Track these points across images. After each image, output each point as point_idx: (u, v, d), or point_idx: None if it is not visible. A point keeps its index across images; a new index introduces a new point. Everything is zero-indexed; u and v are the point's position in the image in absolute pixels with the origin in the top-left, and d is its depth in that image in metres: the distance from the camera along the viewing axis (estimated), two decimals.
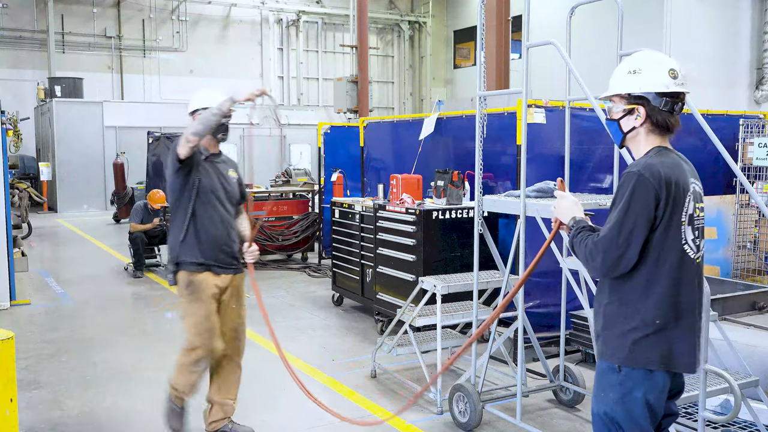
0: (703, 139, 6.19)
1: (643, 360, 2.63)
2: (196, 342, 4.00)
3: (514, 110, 6.06)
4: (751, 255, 7.08)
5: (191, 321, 4.01)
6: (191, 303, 4.00)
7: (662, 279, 2.62)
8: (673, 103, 2.65)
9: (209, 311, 4.01)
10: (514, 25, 12.43)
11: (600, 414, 2.74)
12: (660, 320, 2.63)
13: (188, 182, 4.03)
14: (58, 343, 6.69)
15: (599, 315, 2.79)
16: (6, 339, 3.16)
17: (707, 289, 3.87)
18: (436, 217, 6.30)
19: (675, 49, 16.78)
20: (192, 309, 4.00)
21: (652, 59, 2.70)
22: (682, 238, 2.64)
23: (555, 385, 5.08)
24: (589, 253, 2.64)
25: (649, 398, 2.65)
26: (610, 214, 2.65)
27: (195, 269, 4.00)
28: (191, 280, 4.01)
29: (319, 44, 25.80)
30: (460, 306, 5.42)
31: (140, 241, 9.91)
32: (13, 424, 3.23)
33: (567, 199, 2.87)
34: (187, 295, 4.02)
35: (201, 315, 3.99)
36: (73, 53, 21.96)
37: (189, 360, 4.07)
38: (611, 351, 2.70)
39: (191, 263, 4.00)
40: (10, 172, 12.08)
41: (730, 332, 4.27)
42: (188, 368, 4.09)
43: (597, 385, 2.79)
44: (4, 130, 8.34)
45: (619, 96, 2.73)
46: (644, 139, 2.71)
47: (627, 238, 2.56)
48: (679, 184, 2.62)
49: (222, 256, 4.08)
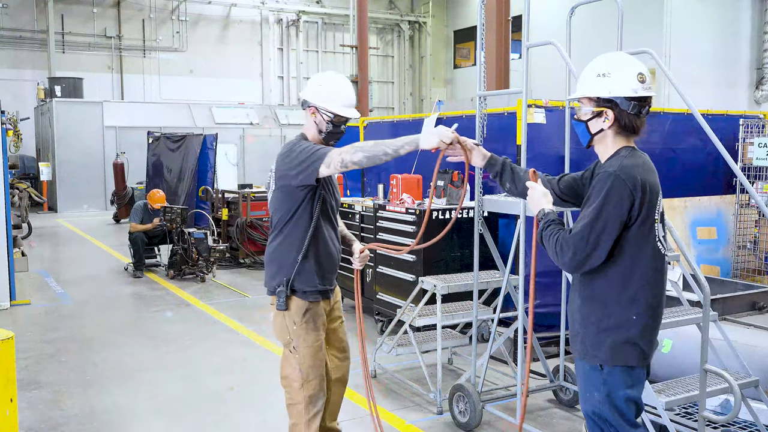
0: (703, 139, 6.20)
1: (624, 359, 2.71)
2: (311, 374, 3.53)
3: (514, 110, 6.06)
4: (751, 255, 7.08)
5: (308, 352, 3.52)
6: (308, 333, 3.52)
7: (638, 276, 2.70)
8: (640, 107, 2.71)
9: (322, 340, 3.61)
10: (514, 25, 12.44)
11: (589, 413, 2.82)
12: (637, 317, 2.71)
13: (313, 198, 3.49)
14: (58, 343, 6.69)
15: (576, 313, 2.84)
16: (6, 339, 3.16)
17: (707, 289, 3.88)
18: (436, 217, 6.30)
19: (675, 49, 16.79)
20: (309, 339, 3.52)
21: (621, 63, 2.75)
22: (655, 236, 2.73)
23: (555, 385, 5.08)
24: (559, 248, 2.70)
25: (633, 393, 2.74)
26: (583, 210, 2.71)
27: (314, 298, 3.54)
28: (309, 308, 3.54)
29: (319, 44, 25.81)
30: (460, 306, 5.42)
31: (140, 241, 9.91)
32: (13, 424, 3.23)
33: (536, 190, 2.91)
34: (303, 324, 3.52)
35: (317, 345, 3.55)
36: (73, 53, 21.97)
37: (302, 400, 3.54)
38: (592, 351, 2.75)
39: (311, 291, 3.53)
40: (10, 172, 12.10)
41: (730, 332, 4.27)
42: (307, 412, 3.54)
43: (581, 385, 2.86)
44: (4, 130, 8.34)
45: (588, 98, 2.77)
46: (611, 141, 2.77)
47: (597, 237, 2.63)
48: (654, 186, 2.71)
49: (334, 277, 3.70)
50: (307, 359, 3.51)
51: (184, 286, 9.32)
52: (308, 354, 3.51)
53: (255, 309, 8.09)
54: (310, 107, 3.49)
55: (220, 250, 9.81)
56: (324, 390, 3.61)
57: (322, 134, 3.50)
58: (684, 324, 3.93)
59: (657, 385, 3.97)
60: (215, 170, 12.96)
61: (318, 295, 3.55)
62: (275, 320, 3.59)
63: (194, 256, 9.57)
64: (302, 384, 3.52)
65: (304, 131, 3.56)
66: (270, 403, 5.16)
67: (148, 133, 16.41)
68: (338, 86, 3.49)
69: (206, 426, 4.80)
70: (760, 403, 4.10)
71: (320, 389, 3.56)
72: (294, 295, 3.49)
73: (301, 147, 3.40)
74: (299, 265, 3.47)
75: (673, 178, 6.98)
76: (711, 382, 3.91)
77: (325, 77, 3.53)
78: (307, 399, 3.52)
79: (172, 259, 9.88)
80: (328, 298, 3.65)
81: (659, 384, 4.01)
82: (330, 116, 3.46)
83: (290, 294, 3.49)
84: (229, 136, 19.12)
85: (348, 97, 3.51)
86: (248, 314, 7.82)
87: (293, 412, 3.57)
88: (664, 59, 16.11)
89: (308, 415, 3.53)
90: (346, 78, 3.59)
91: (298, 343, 3.52)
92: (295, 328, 3.52)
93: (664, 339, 4.70)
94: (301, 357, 3.52)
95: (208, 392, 5.40)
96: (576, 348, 2.83)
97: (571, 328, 2.89)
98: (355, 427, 4.74)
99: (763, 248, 7.04)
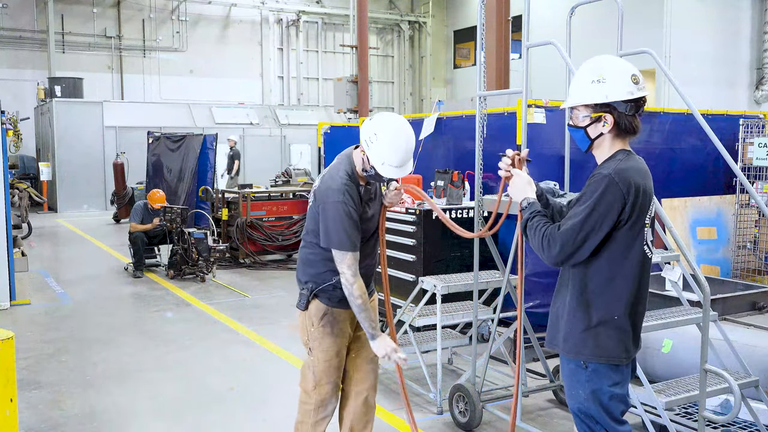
0: (703, 139, 6.21)
1: (608, 355, 2.74)
2: (323, 379, 3.51)
3: (514, 110, 6.06)
4: (751, 255, 7.08)
5: (322, 357, 3.50)
6: (324, 337, 3.50)
7: (625, 276, 2.74)
8: (636, 107, 2.74)
9: (341, 348, 3.56)
10: (514, 25, 12.43)
11: (575, 411, 2.85)
12: (620, 315, 2.74)
13: None
14: (58, 343, 6.69)
15: (561, 310, 2.87)
16: (6, 339, 3.16)
17: (707, 289, 3.88)
18: (436, 217, 6.30)
19: (675, 49, 16.79)
20: (325, 344, 3.49)
21: (614, 66, 2.76)
22: (643, 239, 2.77)
23: (555, 385, 5.08)
24: (546, 242, 2.72)
25: (617, 390, 2.77)
26: (574, 208, 2.73)
27: (333, 304, 3.49)
28: (327, 312, 3.50)
29: (319, 44, 25.81)
30: (460, 306, 5.42)
31: (140, 241, 9.90)
32: (13, 424, 3.23)
33: (521, 177, 2.94)
34: (320, 327, 3.49)
35: (333, 351, 3.52)
36: (73, 53, 21.97)
37: (313, 402, 3.54)
38: (576, 348, 2.78)
39: (332, 298, 3.48)
40: (10, 172, 12.10)
41: (730, 332, 4.27)
42: (315, 415, 3.55)
43: (567, 383, 2.88)
44: (4, 130, 8.34)
45: (585, 105, 2.79)
46: (609, 144, 2.80)
47: (585, 237, 2.67)
48: (647, 190, 2.74)
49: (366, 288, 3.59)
50: (320, 363, 3.49)
51: (184, 286, 9.32)
52: (322, 358, 3.49)
53: (255, 309, 8.09)
54: (361, 147, 3.34)
55: (220, 250, 9.80)
56: (337, 396, 3.59)
57: (365, 173, 3.37)
58: (684, 324, 3.94)
59: (657, 385, 3.98)
60: (215, 170, 12.96)
61: (340, 303, 3.47)
62: (299, 320, 3.59)
63: (194, 256, 9.56)
64: (314, 387, 3.52)
65: (355, 159, 3.39)
66: (270, 403, 5.16)
67: (148, 133, 16.39)
68: (393, 146, 3.24)
69: (206, 426, 4.80)
70: (760, 403, 4.10)
71: (332, 395, 3.54)
72: (316, 299, 3.48)
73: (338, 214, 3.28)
74: (323, 272, 3.43)
75: (673, 178, 6.99)
76: (711, 382, 3.91)
77: (387, 130, 3.26)
78: (318, 402, 3.52)
79: (172, 259, 9.88)
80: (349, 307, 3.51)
81: (659, 384, 4.01)
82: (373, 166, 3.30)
83: (312, 298, 3.48)
84: (229, 136, 19.12)
85: (399, 159, 3.26)
86: (248, 314, 7.82)
87: (302, 410, 3.59)
88: (664, 59, 16.11)
89: (316, 417, 3.54)
90: (407, 131, 3.30)
91: (313, 346, 3.50)
92: (312, 330, 3.50)
93: (664, 339, 4.70)
94: (316, 360, 3.50)
95: (208, 392, 5.40)
96: (560, 346, 2.87)
97: (554, 325, 2.92)
98: None
99: (763, 248, 7.04)
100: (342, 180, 3.33)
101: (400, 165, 3.28)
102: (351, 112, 17.35)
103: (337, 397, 3.60)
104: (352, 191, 3.32)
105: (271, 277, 10.01)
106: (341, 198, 3.28)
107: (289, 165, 18.02)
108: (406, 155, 3.29)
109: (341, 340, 3.54)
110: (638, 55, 4.79)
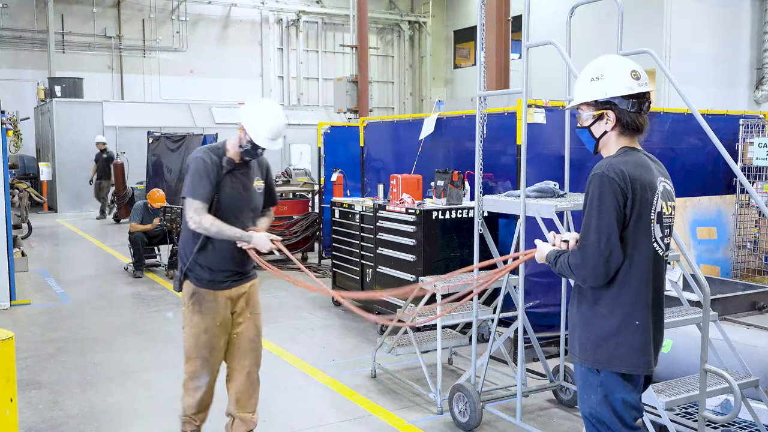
0: (703, 139, 6.21)
1: (622, 365, 2.69)
2: (193, 354, 3.95)
3: (514, 110, 6.06)
4: (751, 255, 7.08)
5: (190, 332, 3.95)
6: (193, 314, 3.93)
7: (635, 277, 2.68)
8: (639, 104, 2.70)
9: (209, 325, 3.93)
10: (514, 25, 12.44)
11: (587, 415, 2.82)
12: (638, 320, 2.69)
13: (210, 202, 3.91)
14: (58, 343, 6.69)
15: (576, 316, 2.83)
16: (6, 339, 3.16)
17: (707, 289, 3.88)
18: (436, 217, 6.30)
19: (675, 49, 16.78)
20: (193, 321, 3.92)
21: (613, 63, 2.75)
22: (651, 236, 2.70)
23: (555, 385, 5.08)
24: (575, 266, 2.68)
25: (629, 398, 2.73)
26: (584, 218, 2.69)
27: (201, 285, 3.92)
28: (196, 292, 3.93)
29: (319, 44, 25.80)
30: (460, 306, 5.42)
31: (140, 241, 9.90)
32: (13, 424, 3.23)
33: (540, 248, 2.93)
34: (190, 305, 3.95)
35: (200, 328, 3.92)
36: (73, 53, 21.95)
37: (187, 373, 4.01)
38: (593, 356, 2.73)
39: (200, 278, 3.92)
40: (10, 172, 12.09)
41: (730, 332, 4.27)
42: (189, 384, 4.02)
43: (580, 387, 2.85)
44: (4, 130, 8.34)
45: (586, 104, 2.78)
46: (614, 142, 2.77)
47: (608, 240, 2.61)
48: (644, 181, 2.68)
49: (234, 269, 4.00)
50: (189, 339, 3.94)
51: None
52: (191, 334, 3.93)
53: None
54: (240, 125, 3.89)
55: None
56: (207, 370, 3.97)
57: (241, 149, 3.90)
58: (684, 324, 3.93)
59: (657, 385, 3.98)
60: None
61: (208, 283, 3.90)
62: None
63: None
64: (186, 360, 3.98)
65: (229, 140, 3.97)
66: (270, 403, 5.16)
67: (148, 133, 16.39)
68: (266, 120, 3.84)
69: (206, 426, 4.79)
70: (760, 403, 4.10)
71: (202, 369, 3.95)
72: (187, 279, 3.95)
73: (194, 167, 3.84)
74: (196, 253, 3.89)
75: (673, 178, 6.95)
76: (711, 382, 3.91)
77: (261, 108, 3.90)
78: (190, 373, 3.98)
79: (172, 259, 9.87)
80: (226, 289, 3.95)
81: (659, 384, 4.01)
82: (250, 139, 3.84)
83: (183, 278, 3.96)
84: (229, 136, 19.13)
85: (272, 132, 3.84)
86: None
87: (183, 378, 4.04)
88: (664, 59, 16.11)
89: (191, 386, 4.00)
90: (279, 111, 3.92)
91: (185, 323, 3.97)
92: (184, 308, 3.98)
93: (664, 339, 4.70)
94: (186, 336, 3.96)
95: None
96: (576, 351, 2.82)
97: (571, 334, 2.87)
98: (355, 426, 4.74)
99: (763, 248, 7.05)
100: (206, 148, 3.95)
101: (273, 138, 3.86)
102: (351, 112, 17.33)
103: (209, 372, 3.98)
104: (211, 157, 3.87)
105: (270, 277, 9.96)
106: (200, 155, 3.88)
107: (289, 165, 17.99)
108: (278, 130, 3.87)
109: (210, 318, 3.91)
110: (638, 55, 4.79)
